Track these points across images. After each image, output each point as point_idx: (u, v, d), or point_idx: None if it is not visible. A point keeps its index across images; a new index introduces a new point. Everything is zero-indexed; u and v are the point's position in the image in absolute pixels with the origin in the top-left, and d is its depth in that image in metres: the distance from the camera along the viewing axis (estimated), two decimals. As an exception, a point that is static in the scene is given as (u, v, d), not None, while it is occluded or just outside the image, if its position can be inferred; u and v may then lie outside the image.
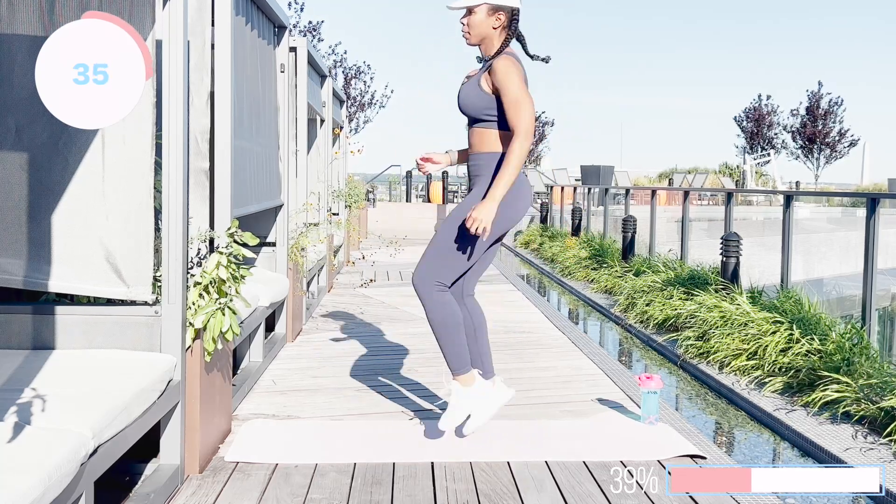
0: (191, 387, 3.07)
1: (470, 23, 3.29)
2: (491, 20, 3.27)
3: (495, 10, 3.26)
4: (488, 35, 3.29)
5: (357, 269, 10.18)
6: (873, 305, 5.18)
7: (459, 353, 3.34)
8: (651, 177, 41.44)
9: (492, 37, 3.30)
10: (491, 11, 3.26)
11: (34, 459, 2.00)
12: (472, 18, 3.28)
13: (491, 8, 3.26)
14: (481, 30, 3.28)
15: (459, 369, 3.37)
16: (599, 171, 27.82)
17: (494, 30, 3.29)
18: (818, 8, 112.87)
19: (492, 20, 3.27)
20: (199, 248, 3.39)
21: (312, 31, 24.83)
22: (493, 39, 3.31)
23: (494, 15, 3.27)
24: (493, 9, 3.26)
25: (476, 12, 3.27)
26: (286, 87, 5.51)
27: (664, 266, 8.37)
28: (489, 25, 3.27)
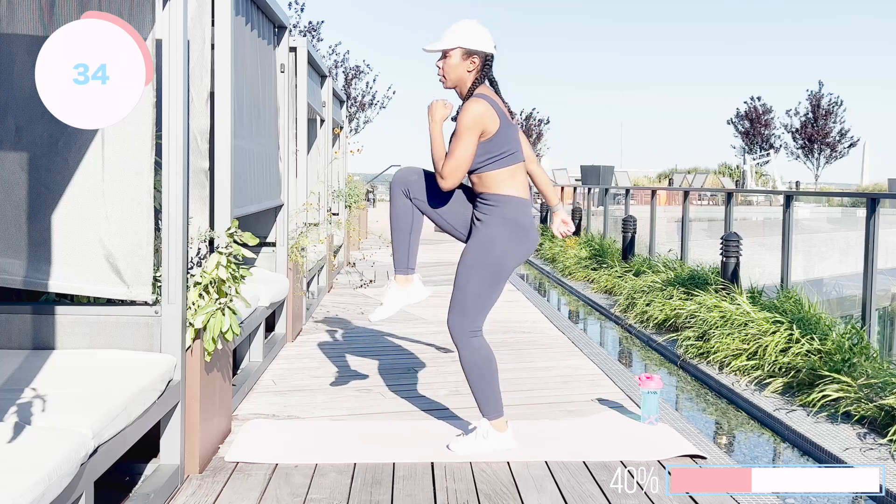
0: (191, 387, 3.07)
1: (445, 66, 3.36)
2: (465, 64, 3.34)
3: (469, 55, 3.33)
4: (463, 78, 3.36)
5: (357, 269, 10.18)
6: (873, 305, 5.18)
7: (492, 398, 3.38)
8: (651, 177, 41.45)
9: (466, 80, 3.37)
10: (465, 56, 3.33)
11: (34, 459, 2.00)
12: (447, 62, 3.35)
13: (465, 52, 3.33)
14: (456, 73, 3.36)
15: (491, 414, 3.40)
16: (599, 171, 27.83)
17: (469, 73, 3.35)
18: (819, 7, 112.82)
19: (466, 64, 3.34)
20: (199, 248, 3.39)
21: (312, 31, 24.84)
22: (467, 82, 3.38)
23: (469, 59, 3.33)
24: (467, 53, 3.33)
25: (451, 56, 3.34)
26: (286, 87, 5.51)
27: (664, 266, 8.37)
28: (464, 69, 3.35)
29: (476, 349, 3.35)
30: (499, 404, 3.40)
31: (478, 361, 3.34)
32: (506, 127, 3.30)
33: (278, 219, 5.40)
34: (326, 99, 8.23)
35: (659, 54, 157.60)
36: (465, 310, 3.33)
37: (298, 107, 6.39)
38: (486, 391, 3.36)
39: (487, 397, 3.37)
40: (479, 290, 3.32)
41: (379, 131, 74.61)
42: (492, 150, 3.27)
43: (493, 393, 3.37)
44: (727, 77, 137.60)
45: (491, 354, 3.39)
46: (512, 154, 3.31)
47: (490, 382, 3.36)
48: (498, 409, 3.40)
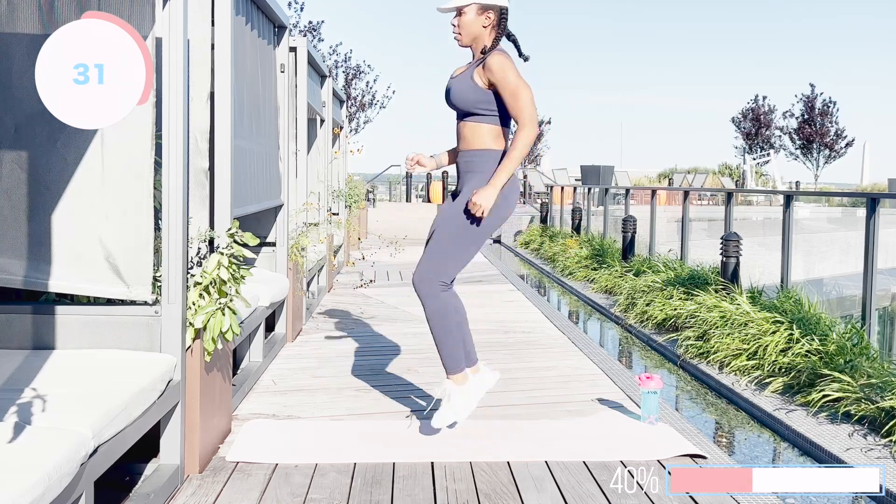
0: (191, 387, 3.07)
1: (461, 23, 3.39)
2: (480, 19, 3.37)
3: (484, 10, 3.36)
4: (479, 34, 3.39)
5: (357, 269, 10.18)
6: (873, 305, 5.18)
7: (455, 353, 3.42)
8: (651, 177, 41.43)
9: (482, 36, 3.39)
10: (480, 11, 3.36)
11: (34, 459, 2.00)
12: (463, 19, 3.38)
13: (480, 7, 3.36)
14: (472, 29, 3.38)
15: (454, 369, 3.45)
16: (599, 171, 27.82)
17: (485, 28, 3.38)
18: (819, 7, 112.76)
19: (481, 19, 3.37)
20: (199, 248, 3.39)
21: (312, 31, 24.84)
22: (483, 39, 3.40)
23: (484, 14, 3.37)
24: (482, 8, 3.36)
25: (466, 12, 3.37)
26: (286, 87, 5.51)
27: (664, 266, 8.37)
28: (479, 25, 3.37)
29: (443, 299, 3.35)
30: (460, 357, 3.42)
31: (442, 309, 3.35)
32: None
33: (278, 219, 5.40)
34: (326, 99, 8.23)
35: (659, 54, 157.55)
36: (437, 261, 3.34)
37: (298, 107, 6.38)
38: (449, 343, 3.38)
39: (449, 350, 3.39)
40: (454, 244, 3.35)
41: (379, 131, 74.69)
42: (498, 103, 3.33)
43: (454, 345, 3.39)
44: (727, 77, 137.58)
45: (459, 304, 3.41)
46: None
47: (451, 334, 3.37)
48: (458, 362, 3.42)
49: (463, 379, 3.47)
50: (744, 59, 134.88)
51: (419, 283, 3.36)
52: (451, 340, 3.39)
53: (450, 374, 3.47)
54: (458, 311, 3.42)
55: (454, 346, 3.40)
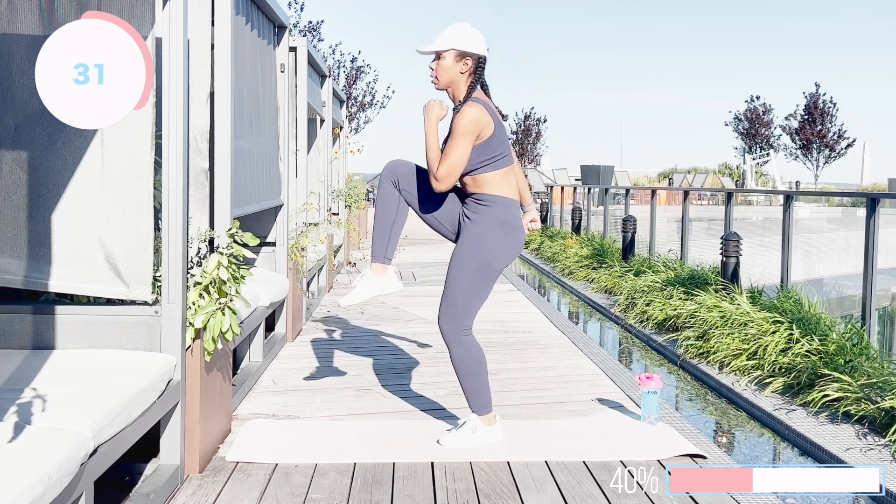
0: (191, 387, 3.07)
1: (438, 67, 3.42)
2: (458, 65, 3.39)
3: (462, 56, 3.38)
4: (455, 80, 3.41)
5: (357, 269, 10.18)
6: (873, 305, 5.18)
7: (482, 396, 3.47)
8: (651, 177, 41.44)
9: (458, 81, 3.42)
10: (458, 57, 3.39)
11: (34, 459, 2.00)
12: (441, 63, 3.40)
13: (458, 54, 3.38)
14: (449, 75, 3.41)
15: (481, 410, 3.48)
16: (599, 170, 27.82)
17: (462, 74, 3.41)
18: (819, 8, 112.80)
19: (459, 66, 3.39)
20: (199, 248, 3.39)
21: (312, 30, 24.83)
22: (459, 84, 3.42)
23: (462, 61, 3.39)
24: (460, 55, 3.38)
25: (444, 57, 3.40)
26: (286, 87, 5.51)
27: (664, 266, 8.37)
28: (457, 70, 3.40)
29: (466, 348, 3.42)
30: (488, 400, 3.48)
31: (468, 360, 3.42)
32: (500, 130, 3.38)
33: (278, 219, 5.40)
34: (326, 99, 8.23)
35: (659, 54, 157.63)
36: (455, 308, 3.39)
37: (298, 107, 6.38)
38: (476, 388, 3.45)
39: (477, 393, 3.46)
40: (469, 288, 3.39)
41: (379, 131, 74.82)
42: (487, 154, 3.33)
43: (482, 389, 3.46)
44: (727, 77, 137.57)
45: (481, 353, 3.47)
46: (505, 156, 3.39)
47: (479, 379, 3.44)
48: (487, 404, 3.48)
49: (490, 421, 3.50)
50: (744, 59, 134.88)
51: (443, 328, 3.43)
52: (477, 384, 3.45)
53: (479, 414, 3.49)
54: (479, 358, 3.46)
55: (480, 388, 3.46)
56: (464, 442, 3.46)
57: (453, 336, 3.40)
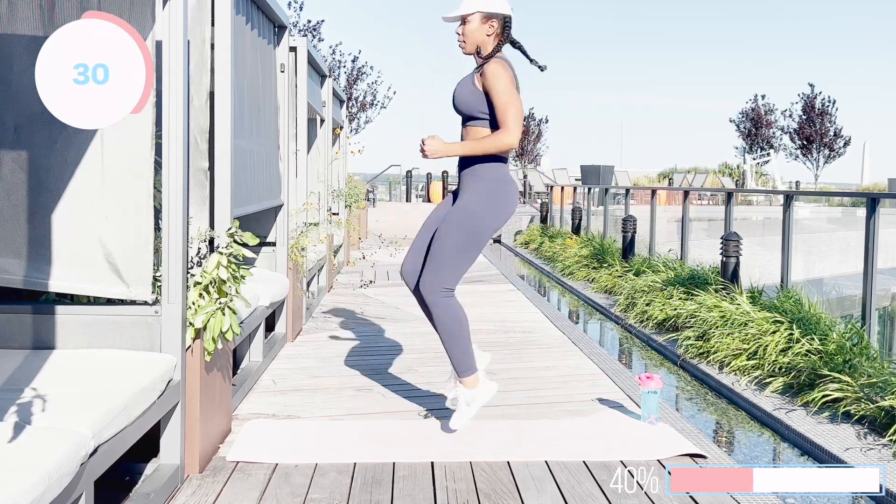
0: (191, 387, 3.07)
1: (465, 32, 3.45)
2: (484, 28, 3.43)
3: (488, 18, 3.42)
4: (483, 42, 3.45)
5: (357, 269, 10.18)
6: (873, 305, 5.18)
7: (465, 356, 3.50)
8: (651, 177, 41.43)
9: (486, 43, 3.45)
10: (484, 19, 3.43)
11: (34, 459, 2.00)
12: (467, 27, 3.44)
13: (484, 16, 3.42)
14: (476, 37, 3.44)
15: (465, 372, 3.51)
16: (599, 170, 27.82)
17: (488, 37, 3.44)
18: (819, 7, 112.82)
19: (485, 28, 3.43)
20: (199, 248, 3.39)
21: (313, 30, 24.82)
22: (487, 46, 3.46)
23: (488, 23, 3.43)
24: (485, 17, 3.42)
25: (470, 21, 3.43)
26: (286, 86, 5.51)
27: (664, 266, 8.37)
28: (483, 33, 3.44)
29: (447, 307, 3.46)
30: (472, 361, 3.53)
31: (449, 319, 3.46)
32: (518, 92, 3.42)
33: (278, 218, 5.40)
34: (326, 99, 8.23)
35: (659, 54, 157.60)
36: (440, 269, 3.44)
37: (298, 107, 6.38)
38: (459, 349, 3.49)
39: (462, 355, 3.50)
40: (457, 251, 3.44)
41: (379, 131, 74.64)
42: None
43: (465, 351, 3.50)
44: (727, 77, 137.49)
45: (462, 313, 3.50)
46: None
47: (461, 340, 3.48)
48: (471, 365, 3.53)
49: (475, 382, 3.55)
50: (744, 59, 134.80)
51: (425, 292, 3.46)
52: (460, 345, 3.48)
53: (462, 377, 3.54)
54: (461, 318, 3.50)
55: (464, 350, 3.49)
56: (470, 414, 3.53)
57: (434, 296, 3.44)
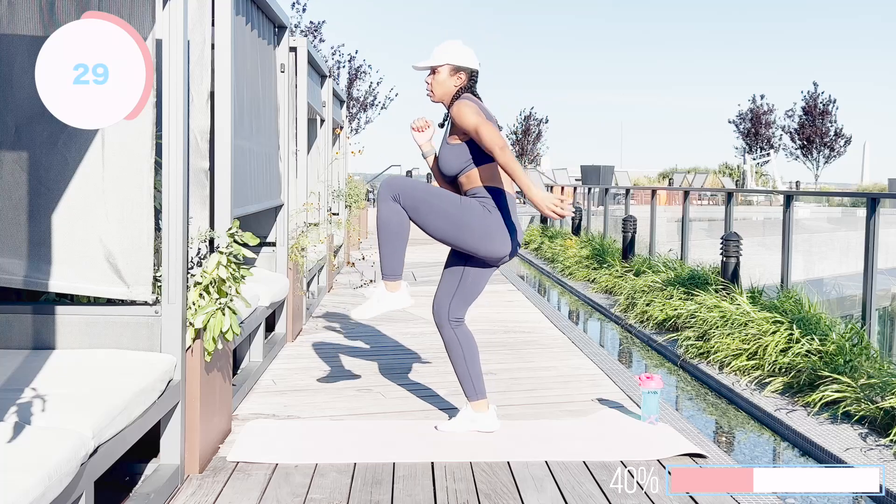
0: (191, 387, 3.07)
1: (433, 81, 3.58)
2: (453, 79, 3.56)
3: (456, 71, 3.55)
4: (450, 93, 3.57)
5: (357, 270, 10.18)
6: (873, 305, 5.18)
7: (476, 383, 3.61)
8: (651, 177, 41.44)
9: (453, 94, 3.56)
10: (453, 72, 3.55)
11: (34, 459, 2.00)
12: (436, 78, 3.57)
13: (453, 68, 3.55)
14: (444, 88, 3.57)
15: (473, 397, 3.62)
16: (599, 170, 27.84)
17: (455, 87, 3.56)
18: (819, 7, 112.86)
19: (454, 79, 3.56)
20: (199, 248, 3.39)
21: (314, 31, 24.82)
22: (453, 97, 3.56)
23: (456, 75, 3.56)
24: (454, 69, 3.55)
25: (439, 72, 3.56)
26: (286, 87, 5.51)
27: (664, 266, 8.37)
28: (451, 84, 3.56)
29: (456, 336, 3.58)
30: (480, 387, 3.61)
31: (457, 347, 3.57)
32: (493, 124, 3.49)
33: (278, 219, 5.40)
34: (326, 99, 8.23)
35: (659, 54, 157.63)
36: (449, 299, 3.58)
37: (298, 107, 6.38)
38: (467, 372, 3.58)
39: (467, 379, 3.59)
40: (466, 282, 3.57)
41: (379, 132, 74.67)
42: (479, 148, 3.44)
43: (472, 376, 3.59)
44: (727, 77, 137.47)
45: (472, 341, 3.61)
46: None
47: (470, 365, 3.58)
48: (479, 391, 3.61)
49: (483, 407, 3.63)
50: (744, 59, 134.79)
51: (436, 316, 3.61)
52: (466, 369, 3.58)
53: (471, 401, 3.62)
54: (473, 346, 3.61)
55: (470, 375, 3.59)
56: (460, 427, 3.62)
57: (444, 323, 3.57)
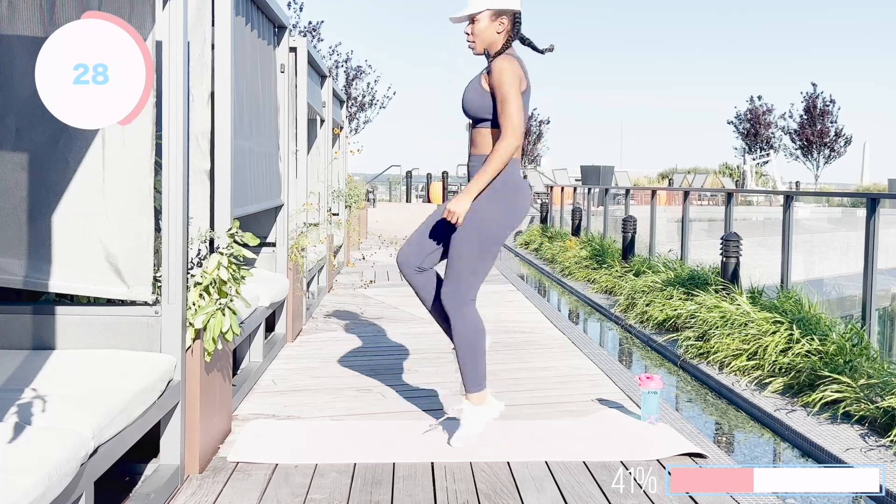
0: (191, 387, 3.07)
1: (474, 31, 3.31)
2: (494, 26, 3.29)
3: (498, 16, 3.28)
4: (493, 41, 3.31)
5: (357, 270, 10.18)
6: (873, 305, 5.18)
7: (477, 371, 3.43)
8: (651, 177, 41.44)
9: (496, 42, 3.32)
10: (493, 17, 3.28)
11: (34, 459, 2.00)
12: (476, 27, 3.30)
13: (493, 14, 3.28)
14: (486, 36, 3.30)
15: (475, 387, 3.44)
16: (599, 171, 27.84)
17: (498, 34, 3.30)
18: (819, 7, 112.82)
19: (495, 25, 3.29)
20: (199, 249, 3.39)
21: (313, 31, 24.83)
22: (497, 44, 3.32)
23: (497, 20, 3.28)
24: (495, 14, 3.28)
25: (479, 20, 3.29)
26: (286, 87, 5.51)
27: (664, 266, 8.37)
28: (493, 31, 3.29)
29: (468, 319, 3.38)
30: (482, 377, 3.44)
31: (468, 331, 3.38)
32: (528, 90, 3.32)
33: (278, 219, 5.40)
34: (326, 99, 8.23)
35: (659, 54, 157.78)
36: (458, 280, 3.35)
37: (298, 107, 6.38)
38: (474, 363, 3.41)
39: (474, 369, 3.42)
40: (473, 261, 3.35)
41: (379, 131, 74.73)
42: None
43: (479, 365, 3.42)
44: (727, 77, 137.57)
45: (481, 325, 3.43)
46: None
47: (478, 354, 3.41)
48: (481, 381, 3.44)
49: (481, 399, 3.46)
50: (744, 59, 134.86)
51: (446, 301, 3.38)
52: (475, 359, 3.41)
53: (470, 392, 3.44)
54: (482, 332, 3.43)
55: (477, 364, 3.42)
56: (474, 431, 3.44)
57: (455, 307, 3.36)
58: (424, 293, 3.50)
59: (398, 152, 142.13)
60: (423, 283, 3.49)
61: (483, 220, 3.29)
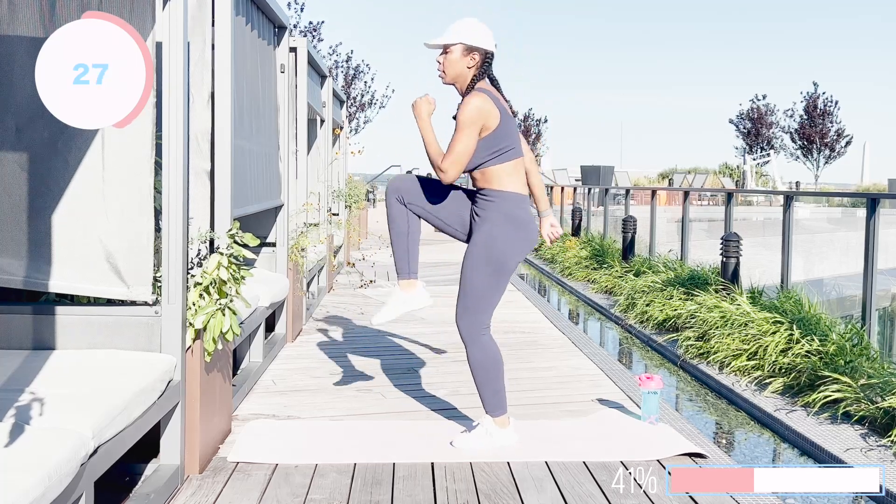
0: (191, 387, 3.07)
1: (445, 61, 3.37)
2: (465, 60, 3.34)
3: (470, 51, 3.33)
4: (462, 74, 3.36)
5: (357, 270, 10.18)
6: (873, 305, 5.18)
7: (497, 396, 3.43)
8: (651, 177, 41.44)
9: (465, 76, 3.37)
10: (466, 52, 3.34)
11: (35, 459, 2.00)
12: (448, 57, 3.36)
13: (466, 48, 3.33)
14: (456, 68, 3.36)
15: (495, 412, 3.44)
16: (599, 171, 27.84)
17: (468, 69, 3.35)
18: (819, 7, 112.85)
19: (466, 60, 3.34)
20: (199, 249, 3.39)
21: (313, 31, 24.85)
22: (466, 79, 3.37)
23: (469, 55, 3.34)
24: (468, 49, 3.33)
25: (451, 51, 3.35)
26: (286, 87, 5.51)
27: (664, 266, 8.37)
28: (464, 65, 3.35)
29: (484, 347, 3.38)
30: (503, 402, 3.44)
31: (485, 360, 3.38)
32: (507, 122, 3.33)
33: (278, 219, 5.40)
34: (326, 99, 8.23)
35: (659, 54, 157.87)
36: (471, 308, 3.36)
37: (298, 107, 6.39)
38: (492, 389, 3.40)
39: (493, 395, 3.41)
40: (483, 287, 3.35)
41: (379, 131, 74.85)
42: (493, 146, 3.29)
43: (498, 391, 3.41)
44: (727, 77, 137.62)
45: (498, 353, 3.43)
46: (513, 149, 3.34)
47: (496, 380, 3.40)
48: (502, 406, 3.44)
49: (505, 423, 3.46)
50: (744, 59, 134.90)
51: (461, 328, 3.39)
52: (495, 385, 3.41)
53: (493, 416, 3.45)
54: (496, 358, 3.41)
55: (497, 390, 3.41)
56: (478, 444, 3.43)
57: (470, 336, 3.37)
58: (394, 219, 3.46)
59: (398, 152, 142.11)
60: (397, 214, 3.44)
61: (494, 247, 3.32)
